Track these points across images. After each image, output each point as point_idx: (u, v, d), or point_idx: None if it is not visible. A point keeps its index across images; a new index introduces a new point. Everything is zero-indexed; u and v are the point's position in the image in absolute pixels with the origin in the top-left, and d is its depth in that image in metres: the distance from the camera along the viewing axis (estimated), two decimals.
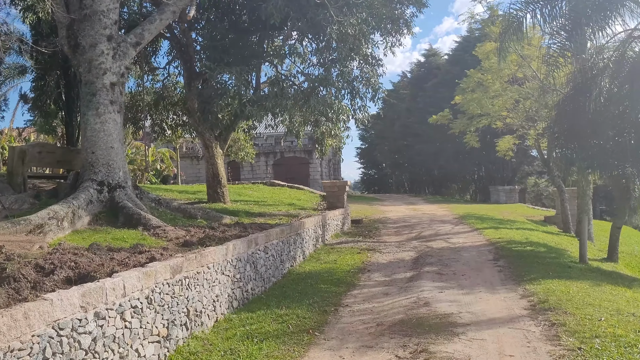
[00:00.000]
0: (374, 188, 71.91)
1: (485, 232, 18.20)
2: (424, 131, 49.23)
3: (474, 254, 14.26)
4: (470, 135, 27.90)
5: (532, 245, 15.32)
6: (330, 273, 11.71)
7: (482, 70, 25.76)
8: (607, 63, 14.98)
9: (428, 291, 9.68)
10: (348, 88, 16.17)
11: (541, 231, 20.51)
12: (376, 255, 14.36)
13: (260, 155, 49.48)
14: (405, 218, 24.01)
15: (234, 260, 8.78)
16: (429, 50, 59.82)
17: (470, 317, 7.85)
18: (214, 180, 18.69)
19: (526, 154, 47.41)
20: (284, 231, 11.83)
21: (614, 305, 8.22)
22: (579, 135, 15.15)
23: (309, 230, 14.35)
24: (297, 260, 12.83)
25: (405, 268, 12.52)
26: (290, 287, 10.31)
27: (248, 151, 25.79)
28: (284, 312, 8.41)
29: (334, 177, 57.20)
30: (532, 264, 12.03)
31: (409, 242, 16.99)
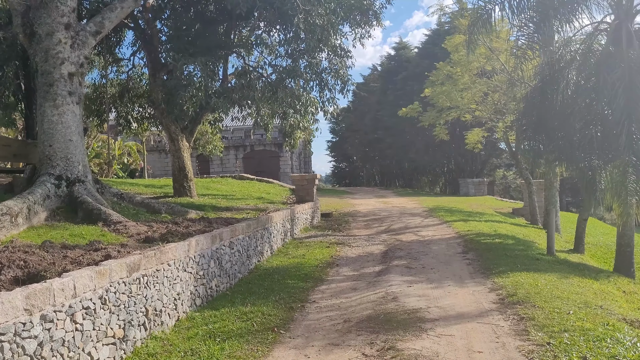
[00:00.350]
0: (345, 181, 71.93)
1: (454, 225, 18.19)
2: (394, 124, 49.27)
3: (443, 247, 14.19)
4: (439, 128, 27.94)
5: (500, 238, 15.33)
6: (298, 268, 11.48)
7: (452, 63, 25.76)
8: (574, 56, 15.04)
9: (397, 286, 9.53)
10: (316, 80, 15.91)
11: (509, 223, 20.63)
12: (345, 249, 14.18)
13: (230, 149, 48.99)
14: (375, 211, 23.91)
15: (196, 256, 8.47)
16: (399, 44, 59.94)
17: (438, 312, 7.71)
18: (180, 174, 18.27)
19: (495, 147, 47.88)
20: (251, 226, 11.55)
21: (582, 297, 8.18)
22: (547, 127, 15.20)
23: (277, 224, 14.09)
24: (264, 255, 12.57)
25: (374, 262, 12.37)
26: (256, 283, 10.05)
27: (216, 144, 25.32)
28: (249, 309, 8.15)
29: (305, 170, 56.96)
30: (501, 257, 12.00)
31: (378, 235, 16.87)
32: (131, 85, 22.64)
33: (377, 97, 56.72)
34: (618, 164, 13.59)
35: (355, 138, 63.13)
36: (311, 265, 11.86)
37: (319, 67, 15.67)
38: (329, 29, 14.91)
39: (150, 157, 46.43)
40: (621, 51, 13.98)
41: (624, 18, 14.70)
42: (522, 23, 15.52)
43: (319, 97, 16.03)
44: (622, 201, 13.55)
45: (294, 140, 21.49)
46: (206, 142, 24.82)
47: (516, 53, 15.29)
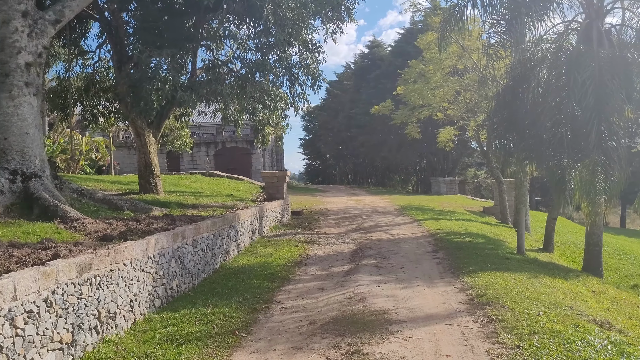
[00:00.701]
0: (318, 179, 71.71)
1: (425, 224, 18.07)
2: (367, 122, 49.23)
3: (413, 245, 14.02)
4: (411, 126, 27.87)
5: (470, 237, 15.24)
6: (265, 267, 11.15)
7: (424, 61, 25.70)
8: (545, 54, 15.02)
9: (365, 286, 9.28)
10: (287, 75, 15.59)
11: (480, 222, 20.62)
12: (314, 248, 13.90)
13: (201, 145, 48.34)
14: (346, 209, 23.70)
15: (156, 255, 8.09)
16: (372, 42, 59.89)
17: (407, 313, 7.48)
18: (146, 170, 17.76)
19: (466, 146, 48.18)
20: (216, 224, 11.18)
21: (552, 298, 8.04)
22: (518, 126, 15.15)
23: (245, 222, 13.74)
24: (230, 254, 12.21)
25: (343, 261, 12.12)
26: (220, 283, 9.70)
27: (185, 140, 24.77)
28: (210, 310, 7.80)
29: (277, 167, 56.51)
30: (471, 256, 11.86)
31: (348, 233, 16.63)
32: (97, 78, 21.97)
33: (351, 95, 56.60)
34: (587, 163, 13.59)
35: (329, 136, 62.92)
36: (278, 264, 11.55)
37: (290, 62, 15.35)
38: (299, 23, 14.61)
39: (118, 153, 45.47)
40: (592, 50, 13.99)
41: (594, 17, 14.74)
42: (494, 21, 15.45)
43: (289, 92, 15.73)
44: (590, 200, 13.55)
45: (265, 136, 21.13)
46: (175, 137, 24.26)
47: (488, 51, 15.19)
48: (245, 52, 15.97)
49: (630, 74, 13.91)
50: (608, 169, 13.41)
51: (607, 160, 13.45)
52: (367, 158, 55.80)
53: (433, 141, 45.78)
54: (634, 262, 20.76)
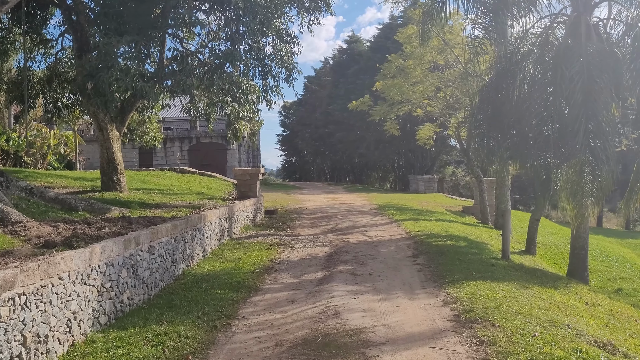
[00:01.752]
0: (296, 176, 70.81)
1: (404, 224, 17.29)
2: (345, 118, 48.41)
3: (392, 249, 13.21)
4: (390, 122, 27.07)
5: (452, 239, 14.49)
6: (232, 274, 10.22)
7: (404, 55, 24.93)
8: (531, 48, 14.31)
9: (339, 297, 8.41)
10: (259, 66, 14.63)
11: (460, 223, 19.92)
12: (287, 251, 13.01)
13: (175, 141, 47.05)
14: (322, 208, 22.84)
15: (102, 265, 7.11)
16: (351, 37, 59.00)
17: (386, 333, 6.63)
18: (109, 167, 16.65)
19: (445, 144, 47.66)
20: (178, 227, 10.21)
21: (546, 314, 7.26)
22: (502, 123, 14.44)
23: (212, 223, 12.78)
24: (195, 259, 11.25)
25: (317, 267, 11.24)
26: (180, 294, 8.75)
27: (154, 135, 23.59)
28: (163, 329, 6.86)
29: (254, 164, 55.38)
30: (454, 262, 11.07)
31: (324, 235, 15.77)
32: (61, 69, 20.78)
33: (329, 91, 55.73)
34: (574, 163, 12.90)
35: (306, 132, 62.02)
36: (246, 270, 10.62)
37: (262, 53, 14.39)
38: (272, 11, 13.65)
39: (89, 147, 43.92)
40: (580, 44, 13.30)
41: (583, 10, 14.06)
42: (479, 12, 14.71)
43: (262, 85, 14.77)
44: (577, 202, 12.88)
45: (237, 131, 20.15)
46: (143, 132, 23.09)
47: (472, 43, 14.40)
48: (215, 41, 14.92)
49: (620, 69, 13.28)
50: (596, 170, 12.73)
51: (595, 160, 12.77)
52: (344, 155, 54.96)
53: (412, 138, 45.16)
54: (616, 264, 20.29)
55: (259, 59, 14.35)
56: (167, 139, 46.88)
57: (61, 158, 40.41)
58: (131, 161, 46.49)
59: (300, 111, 65.44)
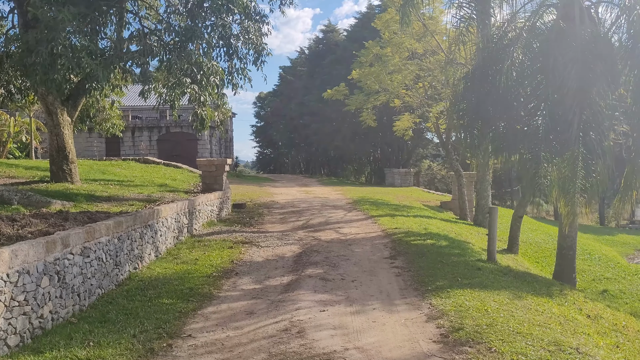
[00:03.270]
0: (270, 168, 69.44)
1: (380, 221, 16.14)
2: (320, 109, 47.20)
3: (367, 248, 12.04)
4: (367, 113, 25.84)
5: (432, 238, 13.38)
6: (184, 279, 8.92)
7: (382, 42, 23.74)
8: (520, 32, 13.21)
9: (306, 309, 7.20)
10: (224, 46, 13.28)
11: (439, 219, 18.86)
12: (252, 251, 11.74)
13: (143, 130, 45.31)
14: (294, 202, 21.59)
15: (13, 274, 5.77)
16: (327, 27, 57.73)
17: (359, 358, 5.43)
18: (59, 155, 15.14)
19: (421, 137, 46.79)
20: (123, 224, 8.86)
21: (549, 334, 6.13)
22: (487, 113, 13.33)
23: (168, 219, 11.43)
24: (145, 261, 9.91)
25: (283, 269, 10.00)
26: (119, 304, 7.43)
27: (115, 122, 21.99)
28: (87, 353, 5.58)
29: (226, 155, 53.81)
30: (436, 265, 9.94)
31: (294, 232, 14.53)
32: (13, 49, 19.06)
33: (304, 82, 54.44)
34: (567, 156, 11.88)
35: (281, 123, 60.62)
36: (202, 274, 9.33)
37: (228, 31, 13.03)
38: None
39: None
40: (574, 28, 12.25)
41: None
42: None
43: (228, 67, 13.42)
44: (569, 199, 11.89)
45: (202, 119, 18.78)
46: (103, 119, 21.51)
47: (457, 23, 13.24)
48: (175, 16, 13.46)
49: (615, 56, 12.28)
50: (590, 164, 11.74)
51: (589, 154, 11.78)
52: (319, 147, 53.77)
53: (388, 131, 44.20)
54: (599, 264, 19.51)
55: (223, 37, 13.00)
56: (135, 128, 45.16)
57: (23, 146, 38.42)
58: (98, 150, 44.69)
59: (275, 102, 63.95)
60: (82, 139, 43.80)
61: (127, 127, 44.94)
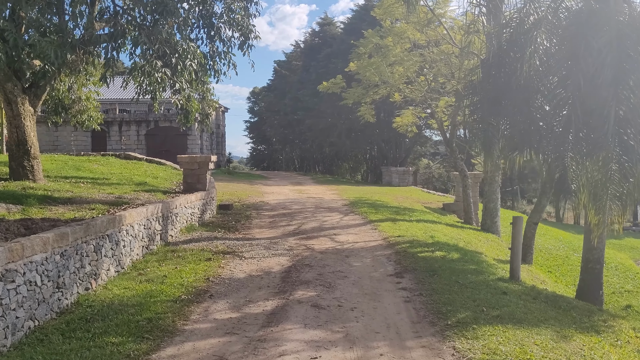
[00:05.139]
0: (264, 165, 67.73)
1: (381, 227, 14.49)
2: (315, 105, 45.50)
3: (368, 262, 10.37)
4: (365, 107, 24.10)
5: (441, 249, 11.72)
6: (145, 304, 7.22)
7: (382, 32, 22.03)
8: (544, 14, 11.54)
9: (293, 356, 5.53)
10: (205, 27, 11.60)
11: (444, 224, 17.21)
12: (233, 263, 10.06)
13: (131, 124, 43.55)
14: (286, 203, 19.91)
15: None
16: (324, 19, 55.86)
17: None
18: (20, 150, 13.39)
19: (420, 134, 45.08)
20: (67, 236, 7.15)
21: None
22: (506, 107, 11.69)
23: (134, 227, 9.73)
24: (102, 278, 8.22)
25: (268, 290, 8.32)
26: (49, 345, 5.74)
27: (92, 114, 20.23)
28: None
29: (217, 151, 52.07)
30: (452, 287, 8.28)
31: (284, 239, 12.87)
32: None
33: (299, 76, 52.64)
34: (599, 158, 10.26)
35: (275, 119, 58.85)
36: (169, 297, 7.64)
37: (209, 9, 11.32)
38: None
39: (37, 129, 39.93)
40: (608, 10, 10.60)
41: None
42: None
43: (209, 50, 11.72)
44: (600, 206, 10.28)
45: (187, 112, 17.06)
46: (78, 111, 19.77)
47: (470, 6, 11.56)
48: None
49: None
50: (626, 167, 10.13)
51: (624, 155, 10.16)
52: (314, 143, 52.00)
53: (385, 127, 42.50)
54: (616, 274, 17.95)
55: (204, 16, 11.32)
56: (122, 122, 43.43)
57: None
58: (84, 145, 42.90)
59: (269, 97, 62.14)
60: (66, 133, 42.09)
61: (114, 120, 43.31)
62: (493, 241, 16.47)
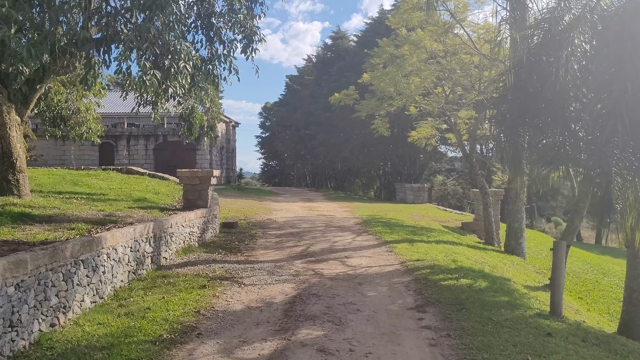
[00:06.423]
0: (275, 180, 66.67)
1: (397, 249, 13.20)
2: (327, 119, 44.45)
3: (384, 291, 9.09)
4: (379, 120, 22.87)
5: (466, 276, 10.41)
6: (116, 347, 6.00)
7: (397, 41, 20.89)
8: (581, 13, 10.30)
9: None
10: (204, 27, 10.51)
11: (465, 246, 15.87)
12: (231, 292, 8.83)
13: (139, 138, 42.78)
14: (295, 221, 18.70)
15: None
16: (336, 33, 54.99)
17: None
18: (4, 163, 12.28)
19: (435, 150, 43.80)
20: (25, 264, 5.97)
21: None
22: (538, 116, 10.44)
23: (119, 250, 8.55)
24: (73, 311, 7.02)
25: (268, 327, 7.07)
26: None
27: (91, 126, 19.19)
28: None
29: (227, 166, 51.12)
30: (485, 325, 6.99)
31: (290, 262, 11.63)
32: None
33: (311, 90, 51.74)
34: None
35: (286, 134, 57.91)
36: (148, 336, 6.41)
37: (209, 7, 10.23)
38: None
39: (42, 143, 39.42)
40: None
41: None
42: None
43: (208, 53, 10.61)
44: None
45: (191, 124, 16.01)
46: (77, 122, 18.75)
47: None
48: None
49: None
50: None
51: None
52: (326, 159, 50.88)
53: (399, 142, 41.24)
54: None
55: (201, 15, 10.23)
56: (130, 136, 42.70)
57: None
58: (92, 159, 42.14)
59: (280, 112, 61.29)
60: (74, 147, 41.33)
61: (122, 135, 42.57)
62: (519, 265, 15.11)
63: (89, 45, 8.92)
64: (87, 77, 8.80)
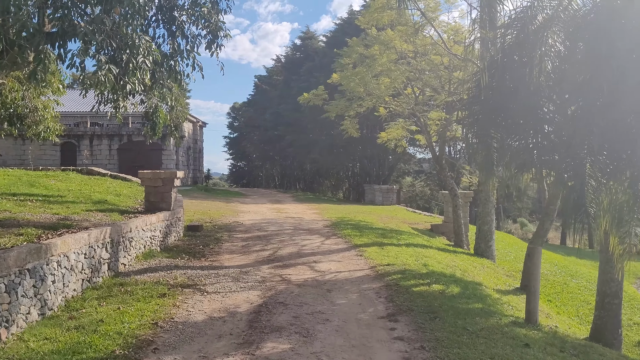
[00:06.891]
0: (243, 181, 65.98)
1: (367, 252, 12.85)
2: (297, 120, 44.03)
3: (354, 299, 8.70)
4: (349, 121, 22.53)
5: (438, 281, 10.11)
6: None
7: (367, 40, 20.59)
8: (555, 12, 10.11)
9: None
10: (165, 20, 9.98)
11: (436, 249, 15.63)
12: (192, 301, 8.33)
13: (103, 138, 41.61)
14: (262, 224, 18.22)
15: None
16: (305, 33, 54.60)
17: None
18: None
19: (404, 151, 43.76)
20: None
21: None
22: (512, 118, 10.21)
23: (71, 257, 7.97)
24: (18, 325, 6.44)
25: (230, 341, 6.61)
26: None
27: (49, 125, 18.36)
28: None
29: (195, 167, 50.22)
30: (460, 335, 6.66)
31: (257, 267, 11.17)
32: None
33: (280, 91, 51.21)
34: (626, 177, 8.79)
35: (255, 134, 57.28)
36: (97, 354, 5.89)
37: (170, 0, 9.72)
38: None
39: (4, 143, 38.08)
40: (632, 8, 9.21)
41: None
42: None
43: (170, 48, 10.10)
44: (625, 233, 8.78)
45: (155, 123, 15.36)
46: (35, 121, 17.93)
47: None
48: None
49: None
50: None
51: None
52: (295, 160, 50.48)
53: (368, 144, 41.10)
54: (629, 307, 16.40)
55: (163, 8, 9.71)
56: (94, 136, 41.47)
57: None
58: (53, 159, 40.80)
59: (249, 112, 60.59)
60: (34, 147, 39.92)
61: (84, 134, 41.31)
62: (490, 268, 14.96)
63: (39, 37, 8.28)
64: (37, 71, 8.20)
